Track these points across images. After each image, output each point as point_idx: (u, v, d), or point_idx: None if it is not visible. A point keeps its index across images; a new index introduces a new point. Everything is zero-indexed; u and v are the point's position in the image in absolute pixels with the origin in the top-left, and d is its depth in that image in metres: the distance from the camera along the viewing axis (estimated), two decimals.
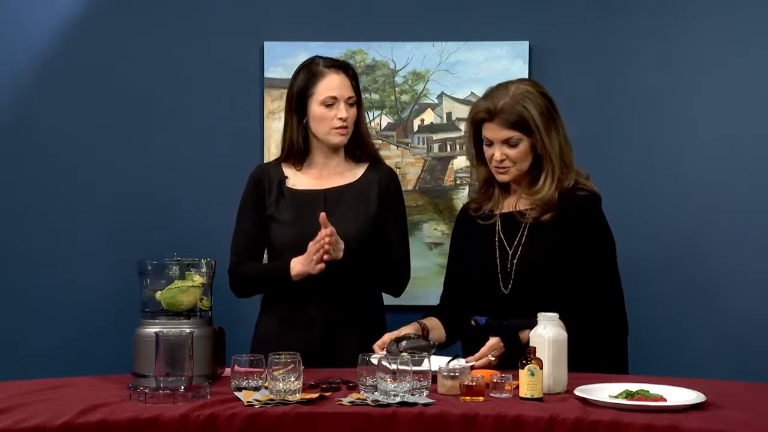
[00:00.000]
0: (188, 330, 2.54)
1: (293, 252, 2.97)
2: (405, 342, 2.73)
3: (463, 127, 3.32)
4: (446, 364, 2.55)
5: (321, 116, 3.04)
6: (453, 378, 2.48)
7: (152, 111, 3.72)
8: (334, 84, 3.04)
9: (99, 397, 2.43)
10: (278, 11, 3.72)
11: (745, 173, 3.61)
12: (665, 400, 2.38)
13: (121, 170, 3.71)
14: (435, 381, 2.51)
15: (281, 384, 2.41)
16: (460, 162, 3.67)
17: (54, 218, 3.71)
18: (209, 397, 2.44)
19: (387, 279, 3.11)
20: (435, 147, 3.69)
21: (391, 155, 3.67)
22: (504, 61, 3.64)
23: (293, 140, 3.09)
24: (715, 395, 2.43)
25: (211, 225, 3.50)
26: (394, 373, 2.40)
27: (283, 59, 3.63)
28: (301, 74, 3.07)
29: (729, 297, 3.61)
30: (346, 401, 2.40)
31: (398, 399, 2.38)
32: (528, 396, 2.43)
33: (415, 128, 3.70)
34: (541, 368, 2.44)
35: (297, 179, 3.12)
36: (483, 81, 3.59)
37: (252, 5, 3.71)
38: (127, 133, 3.72)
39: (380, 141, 3.66)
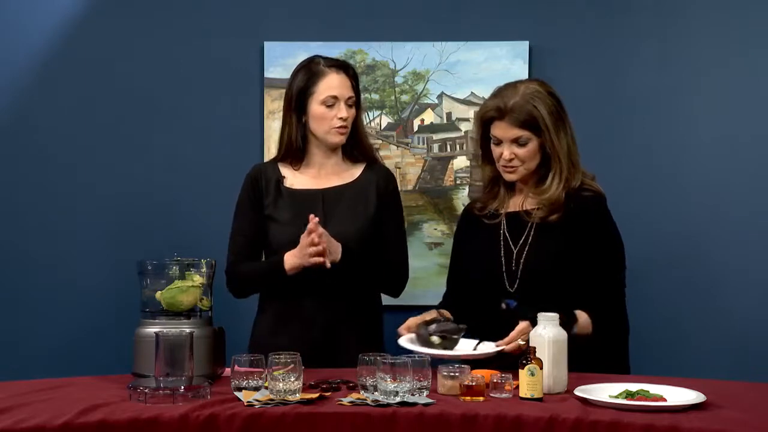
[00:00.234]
0: (188, 330, 2.54)
1: None
2: (435, 325, 2.73)
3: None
4: (474, 348, 2.55)
5: (321, 116, 3.03)
6: (453, 378, 2.48)
7: (152, 111, 3.72)
8: (335, 84, 3.03)
9: (99, 397, 2.44)
10: (278, 11, 3.71)
11: (745, 173, 3.61)
12: (665, 400, 2.38)
13: (121, 170, 3.71)
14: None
15: (281, 384, 2.41)
16: (460, 162, 3.67)
17: (54, 218, 3.71)
18: (209, 397, 2.44)
19: (386, 280, 3.11)
20: (435, 147, 3.69)
21: (391, 155, 3.67)
22: (504, 61, 3.64)
23: (292, 139, 3.08)
24: (715, 395, 2.43)
25: (211, 225, 3.50)
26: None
27: (283, 59, 3.63)
28: (301, 73, 3.06)
29: (729, 297, 3.61)
30: (346, 401, 2.40)
31: (398, 399, 2.38)
32: (528, 396, 2.43)
33: (415, 128, 3.70)
34: (541, 368, 2.44)
35: (295, 179, 3.11)
36: (483, 81, 3.60)
37: (252, 5, 3.71)
38: (127, 133, 3.71)
39: (380, 141, 3.66)
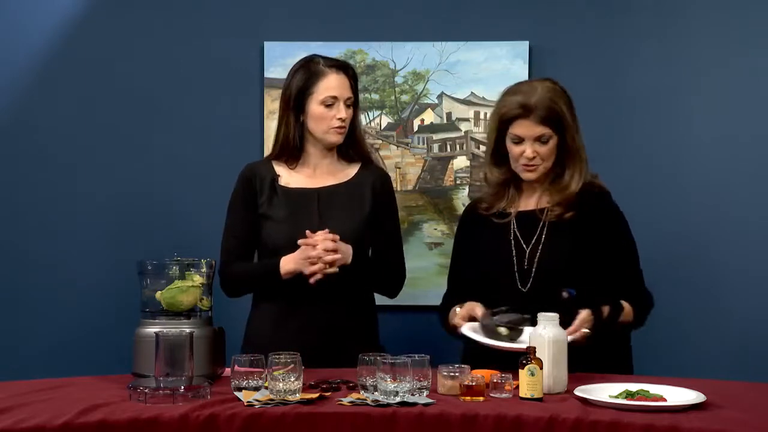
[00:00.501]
0: (188, 330, 2.54)
1: (286, 250, 2.96)
2: (500, 316, 2.73)
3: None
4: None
5: (320, 116, 3.02)
6: (453, 378, 2.48)
7: (152, 111, 3.72)
8: (335, 84, 3.02)
9: (99, 397, 2.43)
10: (278, 11, 3.71)
11: (745, 173, 3.61)
12: (665, 400, 2.38)
13: (121, 170, 3.71)
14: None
15: (281, 384, 2.41)
16: (460, 162, 3.67)
17: (54, 218, 3.71)
18: (209, 397, 2.44)
19: (383, 281, 3.11)
20: (435, 147, 3.69)
21: (391, 155, 3.67)
22: (504, 61, 3.64)
23: (289, 138, 3.06)
24: (715, 395, 2.43)
25: (211, 225, 3.48)
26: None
27: (283, 59, 3.62)
28: (300, 72, 3.05)
29: (729, 297, 3.61)
30: (346, 401, 2.40)
31: (398, 399, 2.38)
32: (528, 396, 2.43)
33: (415, 128, 3.70)
34: (541, 368, 2.44)
35: (290, 177, 3.10)
36: (483, 81, 3.60)
37: (252, 5, 3.71)
38: (127, 134, 3.72)
39: (380, 141, 3.66)
